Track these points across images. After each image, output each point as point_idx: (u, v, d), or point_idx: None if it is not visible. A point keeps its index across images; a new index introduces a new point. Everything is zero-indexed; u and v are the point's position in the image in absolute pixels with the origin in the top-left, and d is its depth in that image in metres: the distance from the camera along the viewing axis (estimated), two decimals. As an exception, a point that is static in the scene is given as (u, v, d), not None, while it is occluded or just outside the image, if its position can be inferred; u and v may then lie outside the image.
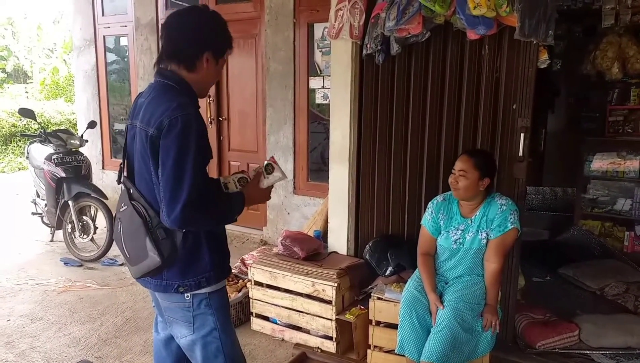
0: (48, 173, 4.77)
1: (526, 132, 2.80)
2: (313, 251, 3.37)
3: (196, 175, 1.56)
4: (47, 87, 14.05)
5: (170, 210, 1.56)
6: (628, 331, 3.00)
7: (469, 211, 2.54)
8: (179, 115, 1.55)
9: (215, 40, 1.70)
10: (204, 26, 1.69)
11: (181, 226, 1.61)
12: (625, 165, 4.36)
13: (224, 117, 5.42)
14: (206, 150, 1.66)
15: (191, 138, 1.55)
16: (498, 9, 2.61)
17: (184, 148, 1.55)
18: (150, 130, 1.59)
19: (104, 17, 6.37)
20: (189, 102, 1.62)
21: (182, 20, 1.69)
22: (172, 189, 1.55)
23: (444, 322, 2.31)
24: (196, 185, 1.56)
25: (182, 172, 1.54)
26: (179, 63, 1.68)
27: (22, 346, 3.17)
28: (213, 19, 1.71)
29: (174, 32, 1.67)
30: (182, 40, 1.67)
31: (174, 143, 1.55)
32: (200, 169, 1.59)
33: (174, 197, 1.54)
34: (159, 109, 1.59)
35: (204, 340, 1.75)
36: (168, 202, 1.56)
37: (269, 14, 4.78)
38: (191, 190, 1.54)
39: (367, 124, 3.32)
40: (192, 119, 1.57)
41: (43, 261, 4.73)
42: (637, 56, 4.18)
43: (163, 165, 1.57)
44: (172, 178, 1.55)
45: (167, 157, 1.56)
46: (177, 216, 1.55)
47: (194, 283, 1.70)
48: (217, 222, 1.73)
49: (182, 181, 1.54)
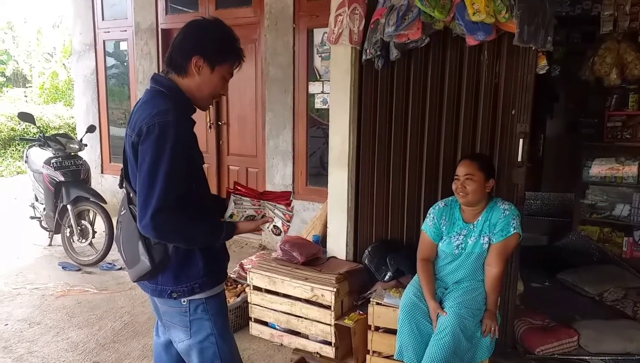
0: (47, 177, 4.77)
1: (525, 138, 2.81)
2: (312, 256, 3.36)
3: (170, 182, 1.53)
4: (46, 91, 14.07)
5: (141, 216, 1.55)
6: (627, 337, 2.99)
7: (472, 216, 2.54)
8: (157, 121, 1.54)
9: (206, 44, 1.67)
10: (197, 31, 1.68)
11: (151, 234, 1.57)
12: (623, 170, 4.38)
13: (224, 122, 5.42)
14: (192, 156, 1.65)
15: (167, 145, 1.53)
16: (497, 15, 2.62)
17: (159, 155, 1.53)
18: (133, 136, 1.59)
19: (104, 21, 6.39)
20: (173, 107, 1.59)
21: (183, 30, 1.70)
22: (144, 195, 1.54)
23: (447, 328, 2.30)
24: (169, 192, 1.53)
25: (154, 179, 1.53)
26: (172, 68, 1.69)
27: (20, 351, 3.16)
28: (209, 25, 1.71)
29: (174, 40, 1.70)
30: (175, 46, 1.68)
31: (149, 149, 1.54)
32: (176, 177, 1.55)
33: (145, 203, 1.53)
34: (142, 115, 1.59)
35: (200, 345, 1.75)
36: (140, 208, 1.55)
37: (268, 19, 4.80)
38: (163, 197, 1.52)
39: (367, 129, 3.33)
40: (169, 125, 1.54)
41: (41, 265, 4.72)
42: (636, 62, 4.19)
43: (139, 171, 1.57)
44: (145, 184, 1.54)
45: (143, 162, 1.55)
46: (147, 223, 1.53)
47: (186, 289, 1.69)
48: (189, 238, 1.65)
49: (154, 187, 1.52)
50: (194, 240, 1.67)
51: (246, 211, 1.78)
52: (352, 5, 3.16)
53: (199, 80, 1.68)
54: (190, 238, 1.65)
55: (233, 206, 1.76)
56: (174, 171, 1.55)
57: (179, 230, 1.61)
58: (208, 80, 1.69)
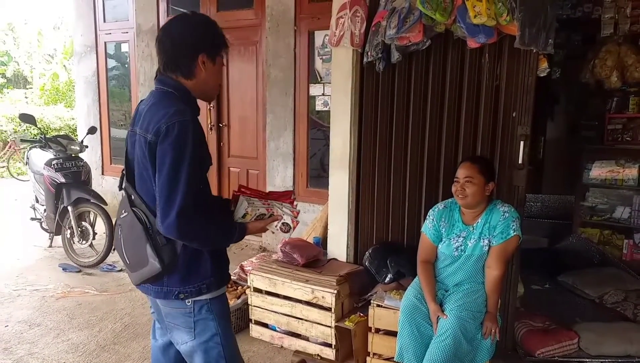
0: (48, 178, 4.77)
1: (526, 140, 2.81)
2: (312, 258, 3.36)
3: (192, 181, 1.55)
4: (47, 92, 14.09)
5: (164, 216, 1.55)
6: (627, 339, 2.99)
7: (471, 218, 2.54)
8: (176, 121, 1.56)
9: (206, 40, 1.69)
10: (193, 31, 1.69)
11: (175, 233, 1.58)
12: (624, 173, 4.38)
13: (224, 124, 5.43)
14: (203, 157, 1.66)
15: (188, 144, 1.55)
16: (498, 17, 2.63)
17: (180, 154, 1.54)
18: (149, 136, 1.59)
19: (105, 23, 6.40)
20: (187, 108, 1.62)
21: (171, 31, 1.69)
22: (167, 195, 1.54)
23: (448, 331, 2.30)
24: (192, 191, 1.55)
25: (177, 178, 1.54)
26: (177, 72, 1.69)
27: (20, 352, 3.16)
28: (199, 22, 1.73)
29: (167, 44, 1.68)
30: (175, 51, 1.67)
31: (170, 149, 1.55)
32: (196, 176, 1.58)
33: (169, 202, 1.54)
34: (157, 115, 1.60)
35: (205, 346, 1.75)
36: (162, 208, 1.55)
37: (269, 22, 4.80)
38: (186, 197, 1.53)
39: (368, 131, 3.33)
40: (189, 125, 1.57)
41: (42, 267, 4.72)
42: (636, 65, 4.20)
43: (159, 171, 1.57)
44: (168, 184, 1.54)
45: (163, 162, 1.56)
46: (171, 222, 1.54)
47: (194, 290, 1.70)
48: (208, 238, 1.68)
49: (177, 187, 1.53)
50: (211, 241, 1.70)
51: (259, 209, 1.81)
52: (353, 7, 3.16)
53: (205, 76, 1.70)
54: (208, 239, 1.68)
55: (246, 205, 1.78)
56: (194, 170, 1.57)
57: (200, 230, 1.63)
58: (212, 72, 1.73)
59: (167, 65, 1.70)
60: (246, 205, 1.78)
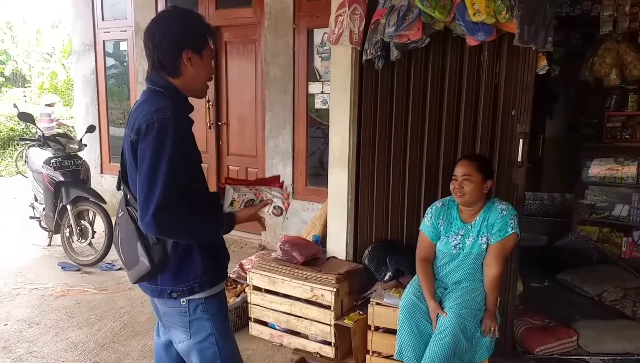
0: (46, 177, 4.77)
1: (525, 138, 2.81)
2: (312, 256, 3.36)
3: (171, 179, 1.53)
4: (45, 91, 14.05)
5: (143, 214, 1.54)
6: (626, 337, 3.00)
7: (469, 216, 2.54)
8: (155, 118, 1.54)
9: (188, 35, 1.65)
10: (172, 27, 1.65)
11: (154, 231, 1.56)
12: (622, 171, 4.38)
13: (223, 122, 5.42)
14: (191, 155, 1.64)
15: (167, 141, 1.53)
16: (497, 15, 2.63)
17: (159, 151, 1.52)
18: (132, 135, 1.59)
19: (103, 21, 6.38)
20: (171, 105, 1.59)
21: (152, 31, 1.66)
22: (145, 192, 1.53)
23: (447, 328, 2.30)
24: (170, 189, 1.53)
25: (155, 175, 1.52)
26: (163, 71, 1.67)
27: (19, 351, 3.16)
28: (178, 16, 1.68)
29: (149, 45, 1.66)
30: (157, 50, 1.65)
31: (149, 146, 1.53)
32: (176, 173, 1.55)
33: (147, 200, 1.53)
34: (140, 114, 1.59)
35: (200, 346, 1.74)
36: (141, 206, 1.54)
37: (268, 20, 4.80)
38: (164, 194, 1.51)
39: (367, 129, 3.33)
40: (168, 122, 1.54)
41: (41, 265, 4.72)
42: (635, 63, 4.20)
43: (139, 169, 1.56)
44: (146, 181, 1.53)
45: (143, 160, 1.55)
46: (149, 220, 1.52)
47: (186, 289, 1.69)
48: (191, 232, 1.64)
49: (155, 184, 1.52)
50: (195, 235, 1.66)
51: (246, 195, 1.78)
52: (352, 5, 3.16)
53: (192, 72, 1.68)
54: (192, 233, 1.65)
55: (232, 192, 1.75)
56: (175, 168, 1.54)
57: (180, 226, 1.60)
58: (200, 67, 1.69)
59: (153, 65, 1.68)
60: (232, 192, 1.74)
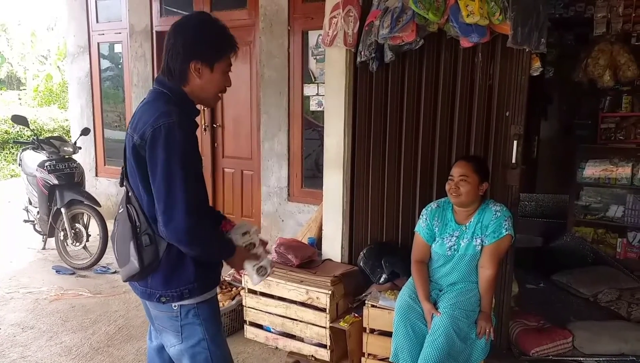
0: (41, 180, 4.74)
1: (519, 139, 2.82)
2: (307, 258, 3.35)
3: (189, 182, 1.53)
4: (40, 93, 14.01)
5: (167, 219, 1.52)
6: (621, 338, 3.01)
7: (464, 218, 2.54)
8: (162, 123, 1.53)
9: (200, 45, 1.63)
10: (185, 34, 1.63)
11: (181, 237, 1.54)
12: (617, 172, 4.40)
13: (218, 124, 5.41)
14: (195, 158, 1.63)
15: (176, 145, 1.52)
16: (491, 17, 2.64)
17: (171, 156, 1.52)
18: (135, 137, 1.58)
19: (98, 23, 6.36)
20: (175, 110, 1.58)
21: (170, 35, 1.65)
22: (164, 198, 1.52)
23: (440, 329, 2.30)
24: (190, 192, 1.53)
25: (171, 180, 1.51)
26: (170, 76, 1.66)
27: (13, 355, 3.13)
28: (194, 24, 1.66)
29: (165, 47, 1.66)
30: (168, 56, 1.65)
31: (161, 151, 1.52)
32: (191, 176, 1.55)
33: (169, 205, 1.51)
34: (145, 117, 1.58)
35: (192, 351, 1.73)
36: (163, 211, 1.52)
37: (263, 22, 4.79)
38: (187, 199, 1.51)
39: (361, 131, 3.33)
40: (174, 126, 1.53)
41: (35, 269, 4.69)
42: (629, 64, 4.23)
43: (153, 176, 1.54)
44: (163, 186, 1.52)
45: (155, 166, 1.53)
46: (178, 225, 1.51)
47: (176, 295, 1.67)
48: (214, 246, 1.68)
49: (174, 189, 1.51)
50: (212, 250, 1.69)
51: (255, 237, 1.83)
52: (346, 7, 3.16)
53: (200, 83, 1.66)
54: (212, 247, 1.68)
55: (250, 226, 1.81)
56: (189, 171, 1.55)
57: (209, 236, 1.63)
58: (209, 80, 1.67)
59: (163, 69, 1.67)
60: (251, 227, 1.79)
